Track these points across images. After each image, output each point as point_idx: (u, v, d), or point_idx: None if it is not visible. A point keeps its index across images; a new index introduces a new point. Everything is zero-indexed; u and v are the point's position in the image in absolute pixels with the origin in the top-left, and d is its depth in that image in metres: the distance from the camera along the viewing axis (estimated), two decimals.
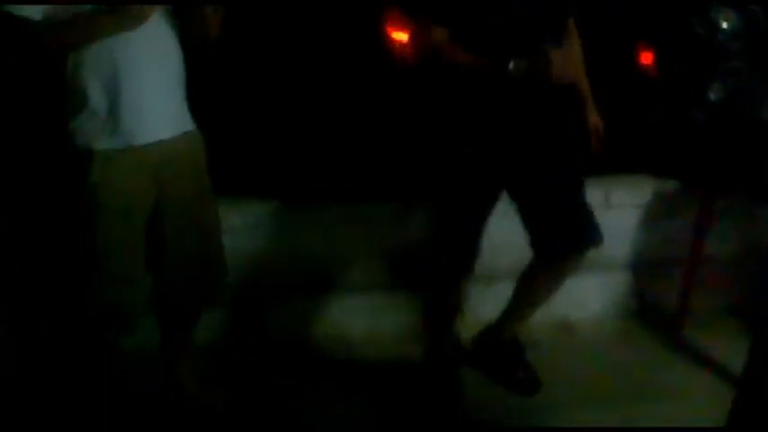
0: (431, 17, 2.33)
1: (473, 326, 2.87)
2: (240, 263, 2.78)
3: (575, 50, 2.49)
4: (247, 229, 2.95)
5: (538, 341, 2.91)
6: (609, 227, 2.54)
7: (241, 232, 2.88)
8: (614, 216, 3.02)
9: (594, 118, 2.63)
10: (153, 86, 2.20)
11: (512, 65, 2.22)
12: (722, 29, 2.96)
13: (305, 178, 3.23)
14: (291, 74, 3.65)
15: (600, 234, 2.46)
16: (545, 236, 2.47)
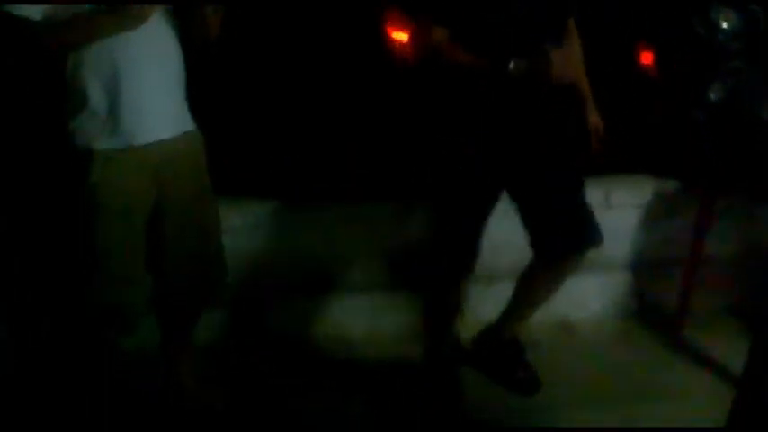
0: (431, 17, 2.33)
1: (473, 326, 2.87)
2: (240, 263, 2.78)
3: (575, 50, 2.49)
4: (247, 228, 2.96)
5: (538, 341, 2.91)
6: (609, 227, 2.53)
7: (241, 232, 2.88)
8: (614, 216, 3.02)
9: (594, 118, 2.63)
10: (153, 86, 2.20)
11: (512, 65, 2.22)
12: (722, 29, 2.96)
13: (305, 178, 3.23)
14: (291, 74, 3.65)
15: (600, 234, 2.46)
16: (545, 236, 2.47)
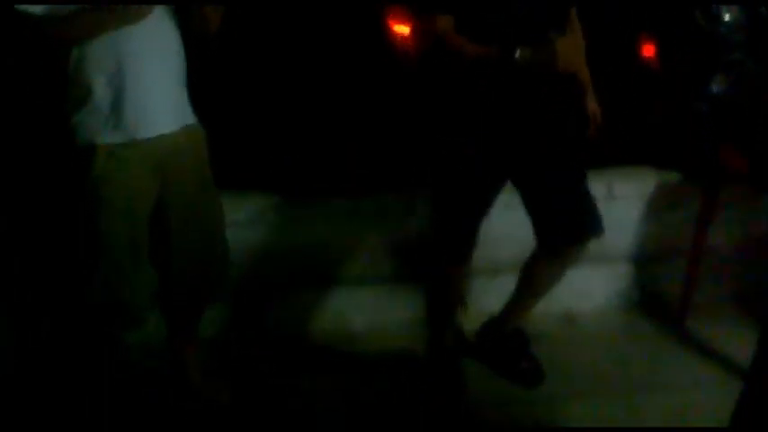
0: (435, 5, 2.33)
1: (476, 318, 2.87)
2: (242, 256, 2.79)
3: (578, 40, 2.48)
4: (249, 222, 2.96)
5: (541, 333, 2.90)
6: (612, 218, 2.53)
7: (243, 226, 2.89)
8: (617, 208, 3.02)
9: (593, 105, 2.63)
10: (155, 81, 2.20)
11: (518, 53, 2.22)
12: (724, 21, 2.96)
13: (305, 177, 3.23)
14: (292, 68, 3.65)
15: (602, 225, 2.46)
16: (547, 226, 2.47)
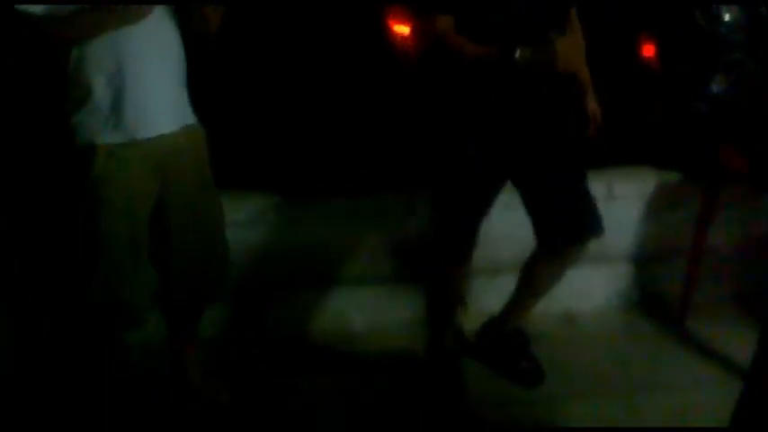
0: (436, 5, 2.32)
1: (477, 318, 2.87)
2: (243, 256, 2.79)
3: (578, 39, 2.48)
4: (249, 222, 2.96)
5: (541, 333, 2.90)
6: (612, 218, 2.53)
7: (243, 226, 2.89)
8: (617, 208, 3.02)
9: (593, 105, 2.63)
10: (155, 81, 2.20)
11: (518, 53, 2.22)
12: (724, 21, 2.96)
13: (305, 177, 3.23)
14: (292, 68, 3.65)
15: (602, 225, 2.45)
16: (547, 226, 2.47)
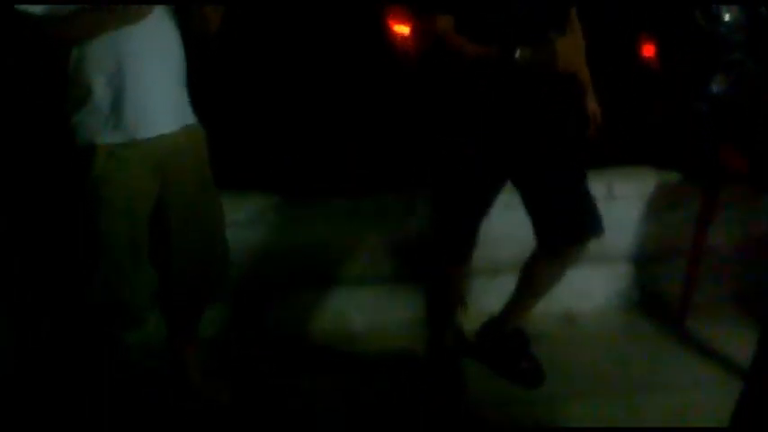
0: (436, 5, 2.32)
1: (477, 318, 2.87)
2: (243, 256, 2.79)
3: (578, 39, 2.48)
4: (249, 222, 2.96)
5: (541, 333, 2.90)
6: (612, 218, 2.53)
7: (243, 226, 2.89)
8: (617, 208, 3.03)
9: (593, 105, 2.63)
10: (155, 81, 2.20)
11: (518, 53, 2.22)
12: (724, 21, 2.96)
13: (305, 177, 3.23)
14: (292, 69, 3.65)
15: (601, 225, 2.45)
16: (547, 226, 2.47)
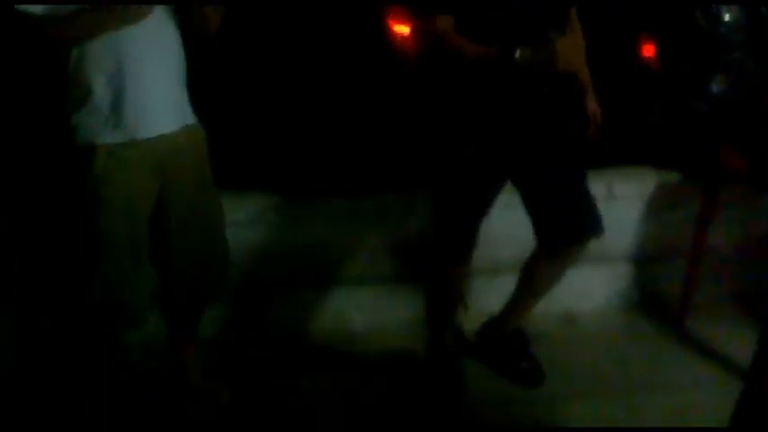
0: (436, 5, 2.32)
1: (477, 318, 2.87)
2: (243, 256, 2.79)
3: (578, 39, 2.48)
4: (250, 222, 2.96)
5: (541, 333, 2.90)
6: (612, 218, 2.53)
7: (243, 226, 2.88)
8: (617, 208, 3.03)
9: (593, 105, 2.63)
10: (156, 81, 2.20)
11: (518, 53, 2.22)
12: (724, 21, 2.96)
13: (305, 177, 3.23)
14: (292, 69, 3.65)
15: (602, 225, 2.45)
16: (547, 226, 2.47)
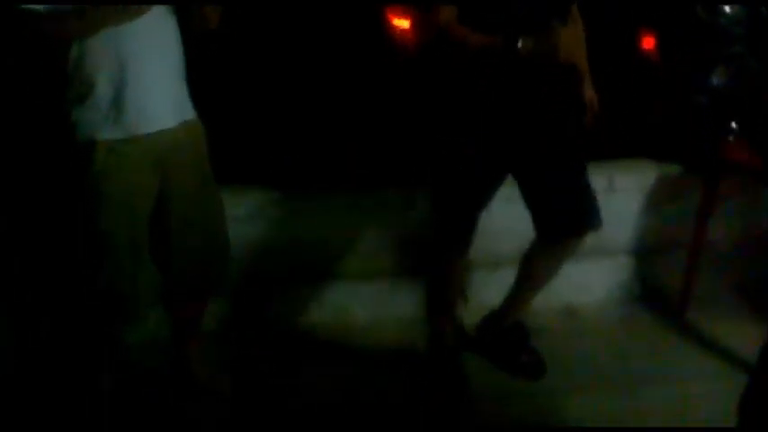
0: None
1: (477, 312, 2.87)
2: (243, 251, 2.79)
3: (579, 31, 2.48)
4: (250, 217, 2.96)
5: (541, 326, 2.91)
6: (612, 211, 2.54)
7: (243, 221, 2.89)
8: (617, 201, 3.03)
9: (590, 92, 2.62)
10: (156, 77, 2.20)
11: (520, 43, 2.21)
12: (724, 13, 2.96)
13: (305, 172, 3.23)
14: (291, 64, 3.64)
15: (600, 218, 2.45)
16: (546, 218, 2.47)
